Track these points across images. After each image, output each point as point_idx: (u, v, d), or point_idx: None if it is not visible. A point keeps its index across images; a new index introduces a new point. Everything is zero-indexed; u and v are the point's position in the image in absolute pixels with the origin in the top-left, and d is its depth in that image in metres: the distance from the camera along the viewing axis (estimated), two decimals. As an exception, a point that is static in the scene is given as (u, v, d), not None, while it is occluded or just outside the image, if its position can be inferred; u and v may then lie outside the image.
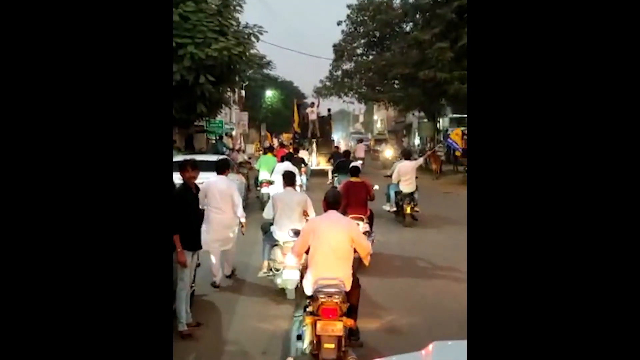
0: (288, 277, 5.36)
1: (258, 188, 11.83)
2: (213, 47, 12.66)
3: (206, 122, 21.64)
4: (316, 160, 19.61)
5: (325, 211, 4.22)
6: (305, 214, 5.86)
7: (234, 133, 29.88)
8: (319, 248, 3.90)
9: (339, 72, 30.18)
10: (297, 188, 9.30)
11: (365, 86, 29.13)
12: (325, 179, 14.81)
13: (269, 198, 7.27)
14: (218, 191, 5.86)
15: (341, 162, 11.73)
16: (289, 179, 5.97)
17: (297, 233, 4.65)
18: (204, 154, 16.49)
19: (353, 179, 7.53)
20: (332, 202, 4.20)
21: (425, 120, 29.92)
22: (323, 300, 3.63)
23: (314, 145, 20.12)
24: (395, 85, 26.74)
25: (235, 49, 13.16)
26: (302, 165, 13.25)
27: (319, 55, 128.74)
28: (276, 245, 5.68)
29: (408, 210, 9.83)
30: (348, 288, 3.84)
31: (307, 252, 4.09)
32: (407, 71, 21.44)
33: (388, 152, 25.65)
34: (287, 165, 9.76)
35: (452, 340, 2.26)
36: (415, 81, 21.24)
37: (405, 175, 9.83)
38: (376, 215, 8.04)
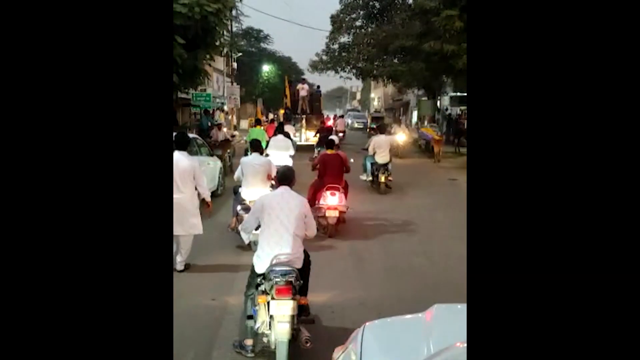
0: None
1: None
2: (181, 2, 10.73)
3: (192, 95, 19.97)
4: (305, 136, 19.40)
5: (277, 187, 4.17)
6: (269, 177, 6.55)
7: (225, 107, 28.07)
8: (270, 225, 3.85)
9: (336, 45, 28.46)
10: (289, 158, 10.60)
11: (363, 60, 27.26)
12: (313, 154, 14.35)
13: None
14: (177, 168, 5.45)
15: (324, 136, 12.42)
16: (256, 146, 6.85)
17: (246, 209, 4.71)
18: (187, 129, 15.07)
19: (329, 151, 8.15)
20: (282, 178, 4.16)
21: (425, 98, 28.12)
22: (277, 279, 3.58)
23: (304, 121, 19.92)
24: (396, 60, 24.86)
25: (210, 5, 11.20)
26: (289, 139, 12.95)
27: (316, 27, 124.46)
28: (243, 204, 6.27)
29: (383, 179, 10.92)
30: (300, 265, 3.83)
31: (256, 229, 4.04)
32: (410, 43, 19.58)
33: (400, 136, 19.80)
34: (281, 138, 10.96)
35: (454, 304, 2.32)
36: (419, 54, 19.36)
37: (380, 148, 10.85)
38: (353, 184, 8.77)
